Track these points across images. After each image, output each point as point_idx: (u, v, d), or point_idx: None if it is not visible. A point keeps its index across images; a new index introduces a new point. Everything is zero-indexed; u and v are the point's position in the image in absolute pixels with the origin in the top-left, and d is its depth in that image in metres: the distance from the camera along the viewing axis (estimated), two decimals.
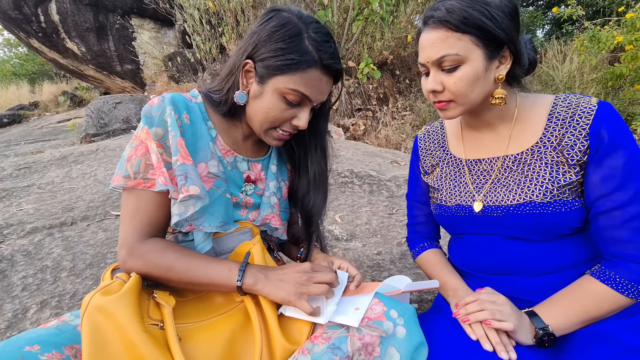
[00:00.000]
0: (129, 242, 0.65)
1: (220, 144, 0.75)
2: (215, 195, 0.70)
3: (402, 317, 0.62)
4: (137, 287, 0.60)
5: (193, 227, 0.67)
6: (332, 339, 0.59)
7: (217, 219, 0.69)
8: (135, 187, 0.66)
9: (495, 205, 0.73)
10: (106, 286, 0.59)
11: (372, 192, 2.17)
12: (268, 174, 0.83)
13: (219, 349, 0.60)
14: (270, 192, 0.81)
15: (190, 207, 0.65)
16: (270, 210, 0.80)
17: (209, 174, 0.70)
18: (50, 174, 2.87)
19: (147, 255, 0.64)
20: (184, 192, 0.63)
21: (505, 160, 0.74)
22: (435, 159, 0.86)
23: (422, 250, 0.91)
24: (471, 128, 0.80)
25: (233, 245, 0.75)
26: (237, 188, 0.78)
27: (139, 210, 0.67)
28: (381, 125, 7.65)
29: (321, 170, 0.81)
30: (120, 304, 0.56)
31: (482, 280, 0.78)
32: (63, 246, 1.47)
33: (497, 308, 0.64)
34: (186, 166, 0.65)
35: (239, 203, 0.77)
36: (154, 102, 0.68)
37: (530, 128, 0.72)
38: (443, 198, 0.82)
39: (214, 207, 0.69)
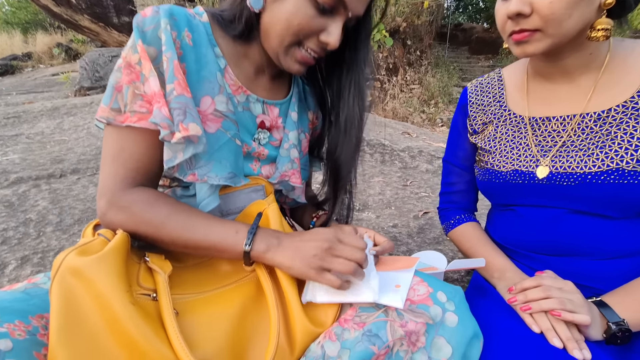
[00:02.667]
0: (110, 189, 0.52)
1: (229, 78, 0.60)
2: (223, 139, 0.55)
3: (452, 302, 0.50)
4: (123, 248, 0.47)
5: (196, 177, 0.53)
6: (368, 324, 0.47)
7: (225, 169, 0.55)
8: (124, 122, 0.52)
9: (567, 172, 0.59)
10: (84, 244, 0.47)
11: (384, 162, 2.03)
12: (287, 121, 0.68)
13: (226, 327, 0.48)
14: (290, 144, 0.67)
15: (179, 154, 0.51)
16: (290, 166, 0.66)
17: (215, 112, 0.55)
18: (41, 124, 2.69)
19: (133, 207, 0.51)
20: (182, 130, 0.49)
21: (583, 118, 0.59)
22: (489, 115, 0.71)
23: (459, 223, 0.79)
24: (542, 78, 0.65)
25: (242, 204, 0.62)
26: (249, 135, 0.63)
27: (123, 151, 0.53)
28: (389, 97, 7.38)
29: (355, 114, 0.65)
30: (101, 268, 0.43)
31: (533, 261, 0.66)
32: (50, 199, 1.35)
33: (566, 296, 0.53)
34: (184, 99, 0.50)
35: (250, 154, 0.63)
36: (146, 13, 0.52)
37: (624, 80, 0.57)
38: (496, 162, 0.68)
39: (221, 154, 0.55)
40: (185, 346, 0.41)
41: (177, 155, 0.51)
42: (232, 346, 0.46)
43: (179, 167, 0.53)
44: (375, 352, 0.44)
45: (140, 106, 0.52)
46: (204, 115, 0.54)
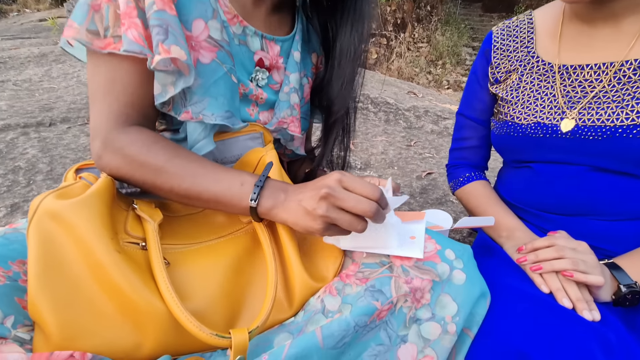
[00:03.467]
0: (104, 128, 0.46)
1: (223, 4, 0.51)
2: (219, 73, 0.49)
3: (460, 260, 0.48)
4: (107, 192, 0.43)
5: (191, 115, 0.47)
6: (371, 280, 0.44)
7: (222, 106, 0.49)
8: (105, 49, 0.45)
9: (595, 125, 0.54)
10: (64, 187, 0.43)
11: (388, 121, 1.95)
12: (289, 62, 0.60)
13: (219, 279, 0.45)
14: (291, 87, 0.60)
15: (169, 87, 0.45)
16: (289, 112, 0.60)
17: (209, 39, 0.48)
18: (28, 71, 2.55)
19: (129, 148, 0.45)
20: (161, 52, 0.42)
21: (622, 66, 0.53)
22: (514, 62, 0.65)
23: (468, 180, 0.75)
24: (580, 22, 0.57)
25: (238, 152, 0.56)
26: (246, 73, 0.56)
27: (114, 83, 0.46)
28: (395, 55, 7.06)
29: (352, 43, 0.58)
30: (83, 212, 0.39)
31: (545, 221, 0.63)
32: (39, 147, 1.29)
33: (579, 257, 0.50)
34: (166, 15, 0.43)
35: (247, 96, 0.56)
36: None
37: None
38: (516, 114, 0.62)
39: (217, 89, 0.49)
40: (176, 297, 0.38)
41: (168, 89, 0.45)
42: (226, 299, 0.44)
43: (173, 103, 0.48)
44: (378, 307, 0.42)
45: (121, 29, 0.44)
46: (197, 42, 0.47)
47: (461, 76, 7.15)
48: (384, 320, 0.44)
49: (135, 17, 0.43)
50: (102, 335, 0.37)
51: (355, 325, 0.40)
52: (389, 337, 0.43)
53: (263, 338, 0.42)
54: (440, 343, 0.43)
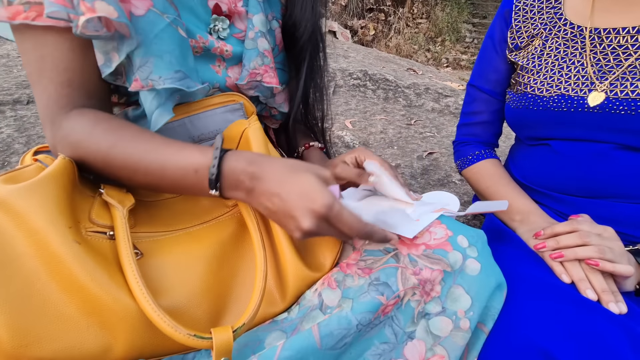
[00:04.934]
0: (48, 115, 0.40)
1: None
2: (159, 25, 0.40)
3: (474, 247, 0.42)
4: (64, 175, 0.37)
5: (140, 82, 0.40)
6: (375, 271, 0.39)
7: (170, 66, 0.41)
8: (16, 19, 0.36)
9: (629, 98, 0.48)
10: (14, 171, 0.36)
11: (387, 98, 1.87)
12: (250, 2, 0.51)
13: (201, 270, 0.39)
14: (256, 31, 0.51)
15: (112, 55, 0.38)
16: (259, 61, 0.51)
17: None
18: (6, 46, 2.39)
19: (71, 136, 0.39)
20: (85, 11, 0.35)
21: None
22: (538, 25, 0.57)
23: (477, 159, 0.69)
24: None
25: (217, 127, 0.49)
26: (203, 25, 0.48)
27: (43, 62, 0.39)
28: (393, 31, 6.85)
29: None
30: (33, 198, 0.33)
31: (562, 204, 0.58)
32: (15, 127, 1.21)
33: (606, 244, 0.45)
34: None
35: (209, 50, 0.47)
36: None
37: None
38: (538, 85, 0.56)
39: (160, 45, 0.40)
40: (147, 291, 0.32)
41: (111, 57, 0.38)
42: (210, 293, 0.38)
43: (125, 73, 0.40)
44: (383, 302, 0.37)
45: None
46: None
47: (460, 54, 6.97)
48: (389, 315, 0.39)
49: None
50: (62, 340, 0.32)
51: (358, 323, 0.35)
52: (394, 334, 0.38)
53: (252, 336, 0.37)
54: (451, 340, 0.39)
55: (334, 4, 5.73)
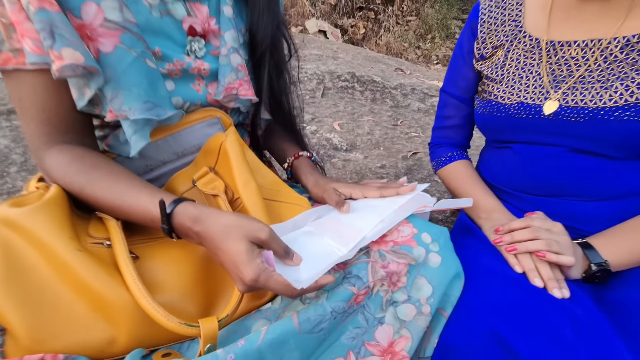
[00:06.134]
0: (33, 150, 0.45)
1: None
2: (126, 60, 0.43)
3: (437, 243, 0.48)
4: (61, 198, 0.42)
5: (114, 113, 0.44)
6: (349, 266, 0.45)
7: (138, 98, 0.44)
8: (5, 65, 0.41)
9: (578, 106, 0.54)
10: (19, 197, 0.41)
11: (374, 100, 1.92)
12: (221, 20, 0.55)
13: (192, 270, 0.45)
14: (229, 47, 0.54)
15: (84, 90, 0.42)
16: (234, 76, 0.54)
17: (107, 23, 0.42)
18: None
19: (50, 172, 0.44)
20: (54, 60, 0.39)
21: (611, 44, 0.52)
22: (501, 37, 0.63)
23: (450, 160, 0.75)
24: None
25: (197, 142, 0.54)
26: (178, 47, 0.51)
27: (24, 103, 0.43)
28: (383, 29, 6.89)
29: None
30: (38, 218, 0.38)
31: (523, 201, 0.64)
32: (11, 137, 1.24)
33: (553, 238, 0.51)
34: (47, 13, 0.38)
35: (187, 71, 0.51)
36: None
37: None
38: (500, 93, 0.61)
39: (129, 79, 0.44)
40: (143, 287, 0.37)
41: (84, 91, 0.42)
42: (200, 289, 0.43)
43: (99, 104, 0.44)
44: (355, 292, 0.42)
45: (18, 41, 0.40)
46: (92, 29, 0.42)
47: (450, 50, 7.04)
48: (361, 304, 0.44)
49: (25, 20, 0.39)
50: (73, 334, 0.37)
51: (332, 310, 0.41)
52: (366, 319, 0.44)
53: (240, 325, 0.42)
54: (415, 324, 0.44)
55: (324, 3, 5.76)
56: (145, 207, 0.42)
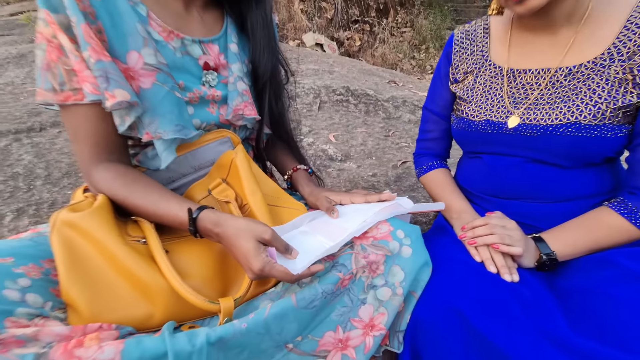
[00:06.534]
0: (83, 168, 0.56)
1: (156, 24, 0.58)
2: (161, 93, 0.55)
3: (409, 237, 0.59)
4: (107, 206, 0.53)
5: (150, 135, 0.55)
6: (337, 257, 0.55)
7: (171, 122, 0.56)
8: (65, 101, 0.53)
9: (533, 123, 0.64)
10: (75, 204, 0.52)
11: (368, 112, 2.05)
12: (228, 55, 0.67)
13: (212, 261, 0.56)
14: (235, 77, 0.66)
15: (125, 118, 0.53)
16: (240, 100, 0.66)
17: (146, 66, 0.54)
18: (9, 73, 2.54)
19: (99, 185, 0.55)
20: (109, 98, 0.50)
21: (557, 72, 0.63)
22: (471, 64, 0.74)
23: (430, 168, 0.86)
24: (525, 30, 0.67)
25: (212, 157, 0.65)
26: (196, 79, 0.63)
27: (80, 129, 0.54)
28: (378, 41, 7.07)
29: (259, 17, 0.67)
30: (93, 220, 0.49)
31: (490, 203, 0.74)
32: (34, 153, 1.35)
33: (506, 233, 0.62)
34: (103, 64, 0.50)
35: (204, 98, 0.63)
36: None
37: (599, 34, 0.60)
38: (471, 111, 0.73)
39: (164, 107, 0.55)
40: (175, 273, 0.48)
41: (125, 119, 0.53)
42: (219, 277, 0.54)
43: (137, 127, 0.55)
44: (341, 277, 0.53)
45: (77, 82, 0.52)
46: (135, 71, 0.54)
47: None
48: (347, 287, 0.55)
49: (85, 69, 0.50)
50: (121, 310, 0.48)
51: (323, 291, 0.51)
52: (351, 300, 0.54)
53: (250, 305, 0.53)
54: (391, 303, 0.55)
55: (320, 17, 5.95)
56: (175, 213, 0.53)
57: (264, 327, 0.47)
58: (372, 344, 0.53)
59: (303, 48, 4.64)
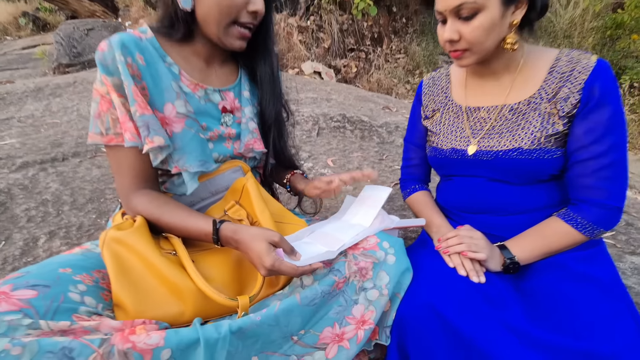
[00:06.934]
0: (123, 195, 0.69)
1: (186, 79, 0.73)
2: (189, 135, 0.69)
3: (393, 248, 0.71)
4: (145, 225, 0.66)
5: (178, 168, 0.69)
6: (332, 264, 0.67)
7: (196, 158, 0.70)
8: (109, 143, 0.67)
9: (487, 149, 0.78)
10: (119, 224, 0.65)
11: (363, 137, 2.20)
12: (242, 100, 0.81)
13: (228, 269, 0.68)
14: (247, 117, 0.80)
15: (158, 156, 0.67)
16: (250, 136, 0.80)
17: (178, 114, 0.68)
18: (29, 106, 2.72)
19: (137, 208, 0.68)
20: (148, 143, 0.64)
21: (503, 109, 0.78)
22: (437, 104, 0.89)
23: (413, 191, 0.99)
24: (476, 76, 0.82)
25: (226, 184, 0.79)
26: (216, 121, 0.77)
27: (121, 165, 0.68)
28: (374, 68, 7.37)
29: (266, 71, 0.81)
30: (135, 236, 0.62)
31: (463, 218, 0.87)
32: (59, 181, 1.49)
33: (473, 242, 0.74)
34: (146, 117, 0.64)
35: (222, 136, 0.77)
36: (103, 48, 0.64)
37: (531, 79, 0.75)
38: (439, 142, 0.87)
39: (190, 147, 0.69)
40: (203, 279, 0.60)
41: (158, 157, 0.67)
42: (235, 281, 0.66)
43: (167, 162, 0.69)
44: (336, 280, 0.65)
45: (119, 128, 0.66)
46: (169, 119, 0.68)
47: None
48: (342, 290, 0.66)
49: (127, 121, 0.65)
50: (159, 309, 0.59)
51: (322, 291, 0.63)
52: (345, 300, 0.66)
53: (262, 303, 0.64)
54: (378, 302, 0.66)
55: (318, 47, 6.27)
56: (202, 227, 0.65)
57: (274, 319, 0.58)
58: (363, 336, 0.64)
59: (302, 76, 4.89)
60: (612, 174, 0.70)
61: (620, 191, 0.71)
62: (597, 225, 0.71)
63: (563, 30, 5.74)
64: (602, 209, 0.71)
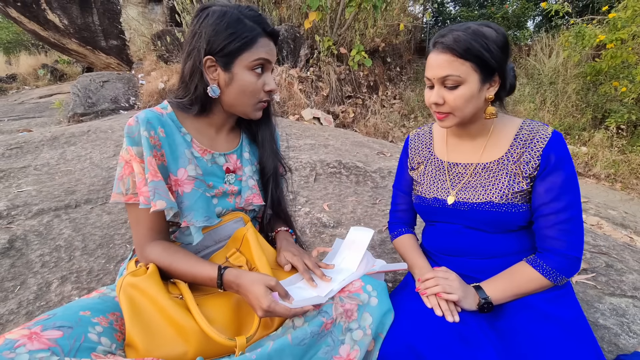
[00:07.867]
0: (138, 246, 0.80)
1: (196, 146, 0.85)
2: (197, 195, 0.81)
3: (376, 290, 0.79)
4: (157, 272, 0.75)
5: (186, 222, 0.80)
6: (320, 307, 0.75)
7: (202, 215, 0.80)
8: (128, 201, 0.79)
9: (463, 201, 0.89)
10: (134, 271, 0.74)
11: (358, 182, 2.33)
12: (243, 161, 0.93)
13: (228, 312, 0.76)
14: (247, 176, 0.92)
15: (169, 212, 0.78)
16: (250, 192, 0.91)
17: (189, 177, 0.80)
18: (44, 155, 2.90)
19: (151, 257, 0.78)
20: (152, 206, 0.75)
21: (477, 166, 0.90)
22: (422, 157, 1.02)
23: (400, 234, 1.08)
24: (455, 136, 0.96)
25: (229, 233, 0.89)
26: (221, 180, 0.89)
27: (139, 219, 0.80)
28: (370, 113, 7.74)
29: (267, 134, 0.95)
30: (148, 282, 0.71)
31: (444, 261, 0.96)
32: (72, 227, 1.59)
33: (447, 283, 0.82)
34: (155, 183, 0.75)
35: (226, 192, 0.89)
36: (131, 123, 0.78)
37: (500, 143, 0.88)
38: (423, 191, 0.98)
39: (197, 205, 0.80)
40: (206, 322, 0.68)
41: (168, 213, 0.78)
42: (234, 323, 0.74)
43: (178, 217, 0.80)
44: (324, 321, 0.72)
45: (137, 190, 0.78)
46: (182, 181, 0.79)
47: None
48: (330, 330, 0.73)
49: (143, 186, 0.77)
50: (165, 348, 0.67)
51: (311, 332, 0.70)
52: (333, 340, 0.73)
53: (257, 343, 0.71)
54: (363, 342, 0.73)
55: (317, 95, 6.68)
56: (207, 273, 0.75)
57: (267, 358, 0.65)
58: None
59: (302, 122, 5.17)
60: (571, 228, 0.81)
61: (578, 243, 0.81)
62: (559, 272, 0.80)
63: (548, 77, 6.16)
64: (564, 259, 0.80)
